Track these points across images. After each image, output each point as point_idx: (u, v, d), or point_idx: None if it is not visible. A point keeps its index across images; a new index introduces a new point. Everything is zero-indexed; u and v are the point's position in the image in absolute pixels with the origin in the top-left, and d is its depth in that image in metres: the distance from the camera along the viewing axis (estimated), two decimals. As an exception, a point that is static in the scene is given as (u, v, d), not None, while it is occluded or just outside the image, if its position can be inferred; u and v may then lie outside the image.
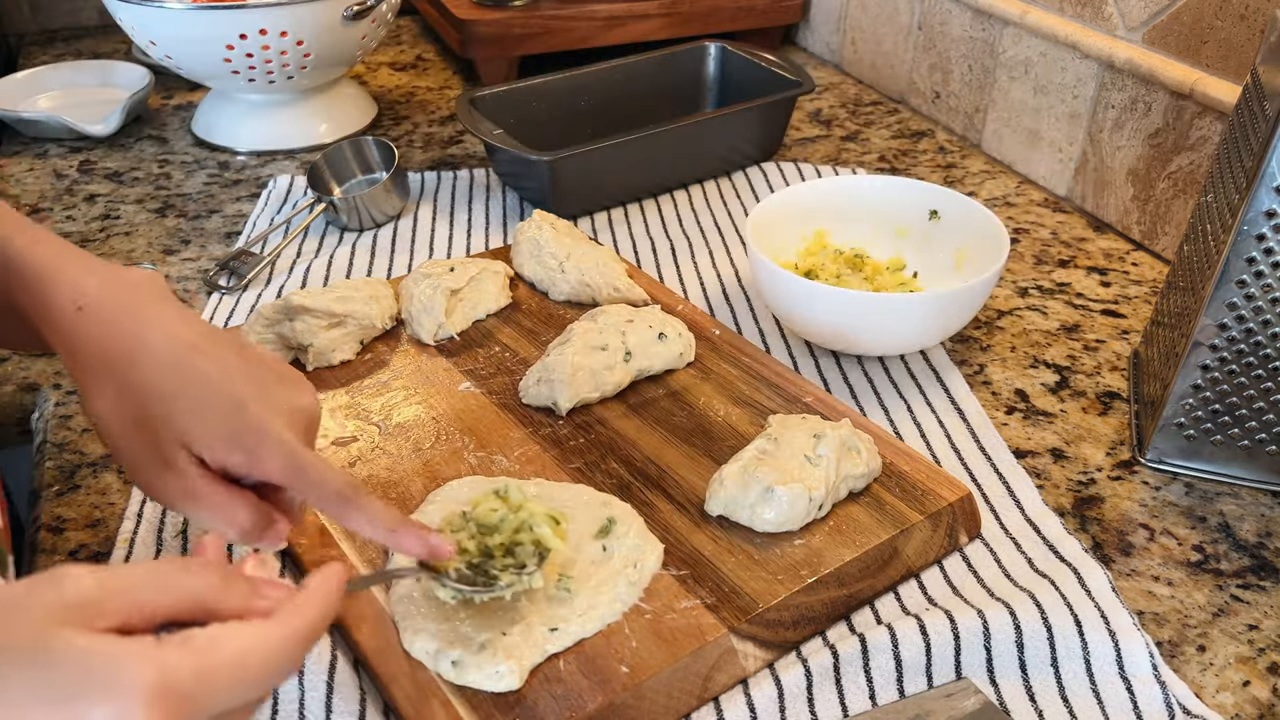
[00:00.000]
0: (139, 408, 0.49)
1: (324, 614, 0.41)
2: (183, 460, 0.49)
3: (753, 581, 0.58)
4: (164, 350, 0.50)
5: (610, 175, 1.02)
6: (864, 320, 0.76)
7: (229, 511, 0.50)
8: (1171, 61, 0.94)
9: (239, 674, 0.37)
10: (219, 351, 0.51)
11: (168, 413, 0.49)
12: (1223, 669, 0.59)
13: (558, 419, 0.71)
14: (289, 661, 0.39)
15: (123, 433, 0.50)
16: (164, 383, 0.49)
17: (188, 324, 0.51)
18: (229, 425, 0.49)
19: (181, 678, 0.35)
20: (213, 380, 0.50)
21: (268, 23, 1.03)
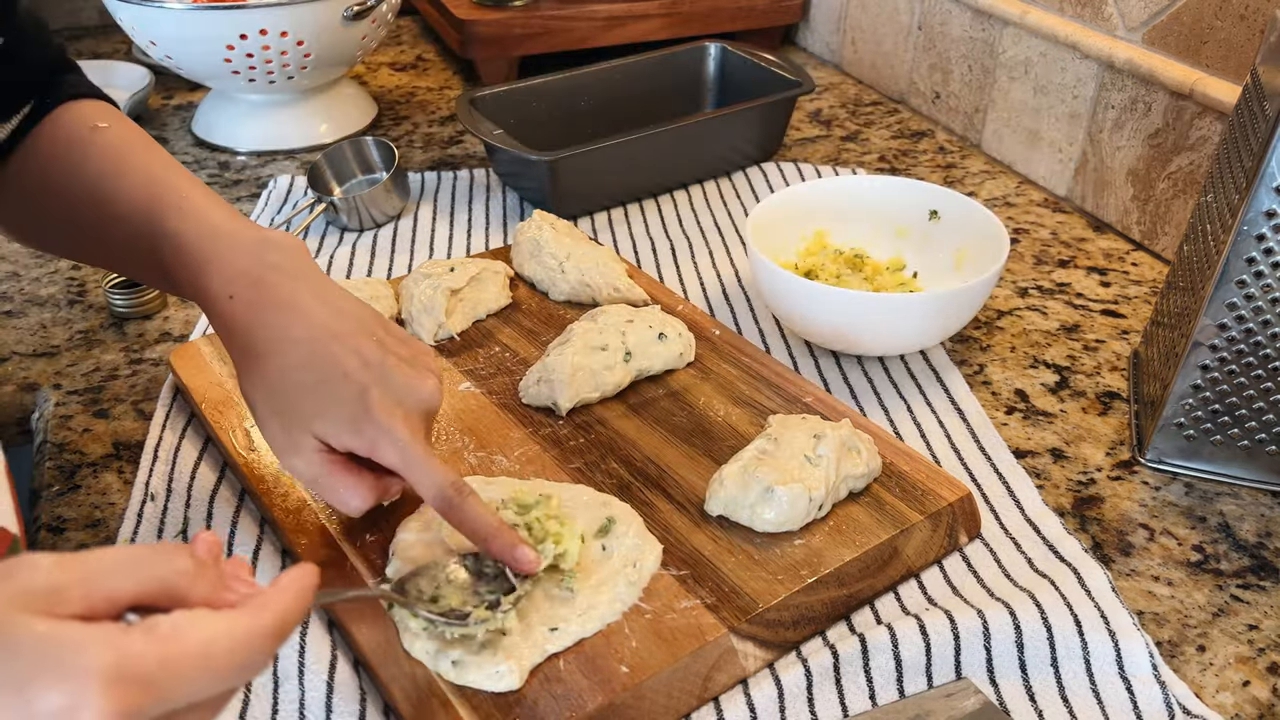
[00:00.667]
0: (278, 396, 0.55)
1: (294, 610, 0.40)
2: (309, 447, 0.55)
3: (753, 581, 0.58)
4: (304, 341, 0.55)
5: (610, 175, 1.02)
6: (864, 320, 0.76)
7: (344, 496, 0.56)
8: (1171, 61, 0.94)
9: (202, 663, 0.36)
10: (356, 338, 0.56)
11: (300, 404, 0.55)
12: (1223, 669, 0.59)
13: (558, 419, 0.71)
14: (256, 655, 0.38)
15: (265, 415, 0.56)
16: (301, 375, 0.55)
17: (328, 306, 0.56)
18: (352, 414, 0.54)
19: (142, 664, 0.34)
20: (344, 370, 0.54)
21: (268, 23, 1.03)
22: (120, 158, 0.62)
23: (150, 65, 1.29)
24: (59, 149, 0.64)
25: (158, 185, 0.61)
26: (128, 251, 0.62)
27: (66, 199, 0.64)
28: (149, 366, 0.81)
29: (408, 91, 1.32)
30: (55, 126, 0.65)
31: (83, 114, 0.65)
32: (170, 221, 0.59)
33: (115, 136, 0.64)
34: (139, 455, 0.71)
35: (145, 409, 0.76)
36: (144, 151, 0.63)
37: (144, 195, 0.60)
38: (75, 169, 0.63)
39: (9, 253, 0.96)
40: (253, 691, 0.55)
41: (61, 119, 0.65)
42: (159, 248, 0.59)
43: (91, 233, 0.64)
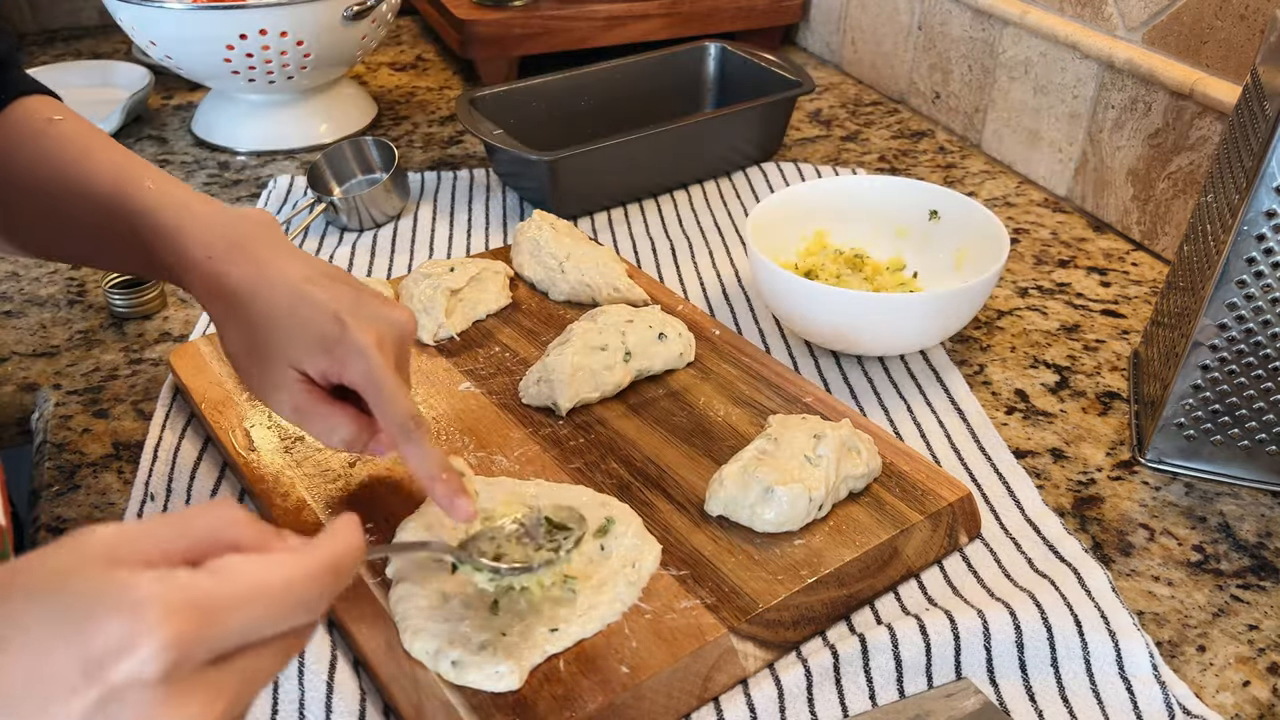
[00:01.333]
0: (258, 337, 0.57)
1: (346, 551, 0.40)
2: (290, 379, 0.57)
3: (753, 581, 0.58)
4: (279, 283, 0.57)
5: (610, 175, 1.02)
6: (864, 320, 0.76)
7: (330, 421, 0.57)
8: (1171, 61, 0.94)
9: (257, 595, 0.36)
10: (326, 280, 0.58)
11: (279, 337, 0.56)
12: (1223, 669, 0.59)
13: (558, 419, 0.71)
14: (312, 592, 0.38)
15: (248, 364, 0.58)
16: (277, 312, 0.56)
17: (300, 260, 0.58)
18: (324, 335, 0.56)
19: (197, 593, 0.34)
20: (316, 301, 0.56)
21: (268, 23, 1.03)
22: (82, 146, 0.64)
23: (150, 65, 1.29)
24: (19, 141, 0.64)
25: (123, 169, 0.62)
26: (98, 235, 0.63)
27: (31, 190, 0.64)
28: (149, 366, 0.81)
29: (408, 91, 1.32)
30: (10, 121, 0.65)
31: (36, 108, 0.66)
32: (142, 199, 0.60)
33: (73, 128, 0.65)
34: (139, 455, 0.71)
35: (145, 409, 0.76)
36: (103, 140, 0.65)
37: (112, 178, 0.61)
38: (39, 159, 0.64)
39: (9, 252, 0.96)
40: (253, 691, 0.55)
41: (15, 114, 0.65)
42: (133, 225, 0.60)
43: (58, 221, 0.65)
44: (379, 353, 0.56)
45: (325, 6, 1.05)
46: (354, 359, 0.55)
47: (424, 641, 0.53)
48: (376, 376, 0.55)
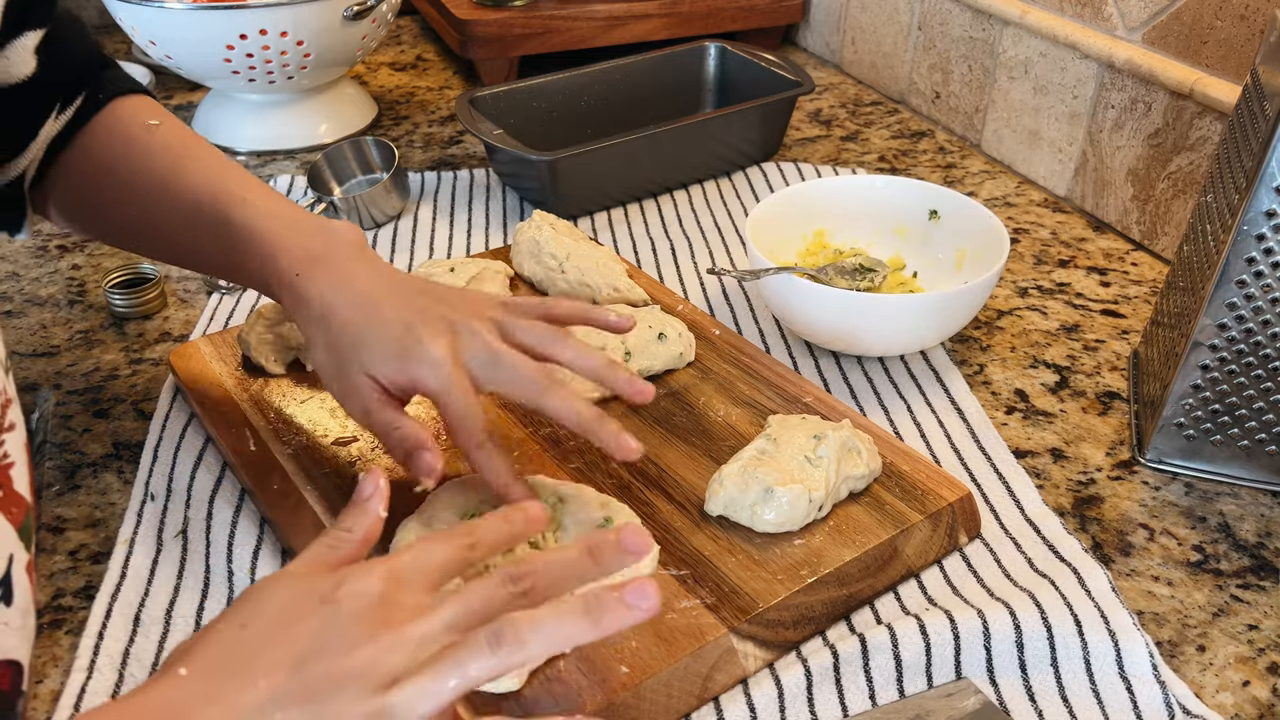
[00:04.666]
0: (335, 347, 0.59)
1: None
2: (363, 384, 0.58)
3: (753, 581, 0.58)
4: (356, 296, 0.59)
5: (610, 175, 1.02)
6: (864, 320, 0.76)
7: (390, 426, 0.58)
8: (1171, 61, 0.94)
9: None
10: (402, 294, 0.60)
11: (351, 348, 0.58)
12: (1223, 669, 0.59)
13: (558, 419, 0.71)
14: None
15: (329, 373, 0.60)
16: (353, 324, 0.59)
17: (380, 276, 0.61)
18: (399, 347, 0.58)
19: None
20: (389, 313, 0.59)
21: (268, 23, 1.03)
22: (180, 154, 0.67)
23: (150, 65, 1.29)
24: (118, 145, 0.68)
25: (219, 179, 0.65)
26: (186, 241, 0.67)
27: (127, 192, 0.67)
28: (149, 366, 0.81)
29: (408, 91, 1.32)
30: (111, 122, 0.68)
31: (136, 110, 0.69)
32: (235, 213, 0.63)
33: (170, 135, 0.68)
34: (139, 455, 0.71)
35: (145, 409, 0.76)
36: (198, 148, 0.68)
37: (207, 189, 0.64)
38: (138, 165, 0.67)
39: (9, 252, 0.96)
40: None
41: (115, 115, 0.69)
42: (226, 238, 0.63)
43: (149, 222, 0.68)
44: (451, 363, 0.57)
45: (325, 6, 1.05)
46: (426, 368, 0.57)
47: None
48: (446, 386, 0.57)
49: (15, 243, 0.97)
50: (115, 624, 0.59)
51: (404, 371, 0.58)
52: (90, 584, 0.62)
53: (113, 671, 0.56)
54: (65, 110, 0.67)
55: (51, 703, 0.55)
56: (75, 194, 0.69)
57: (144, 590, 0.61)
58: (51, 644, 0.58)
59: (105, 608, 0.60)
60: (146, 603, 0.60)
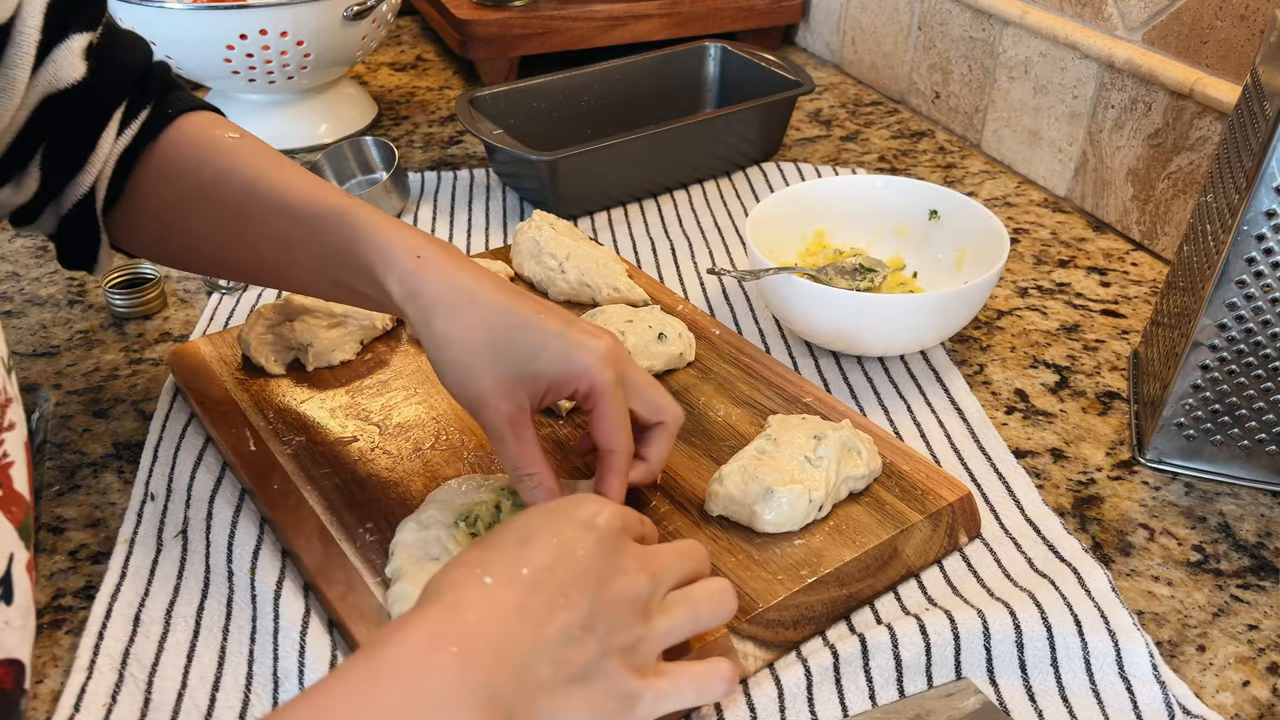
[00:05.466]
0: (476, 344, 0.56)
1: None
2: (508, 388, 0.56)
3: (753, 581, 0.58)
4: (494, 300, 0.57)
5: (610, 175, 1.02)
6: (864, 320, 0.76)
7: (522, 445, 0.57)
8: (1171, 61, 0.94)
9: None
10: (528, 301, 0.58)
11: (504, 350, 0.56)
12: (1223, 669, 0.59)
13: (558, 419, 0.71)
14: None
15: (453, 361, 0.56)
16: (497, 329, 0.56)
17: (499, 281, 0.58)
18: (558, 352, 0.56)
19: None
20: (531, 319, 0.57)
21: (268, 23, 1.03)
22: (269, 160, 0.64)
23: (150, 65, 1.29)
24: (200, 153, 0.65)
25: (315, 179, 0.63)
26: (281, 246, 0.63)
27: (213, 200, 0.64)
28: (149, 366, 0.81)
29: (408, 91, 1.32)
30: (187, 133, 0.66)
31: (212, 123, 0.67)
32: (336, 210, 0.60)
33: (255, 143, 0.66)
34: (139, 455, 0.71)
35: (145, 409, 0.76)
36: (283, 157, 0.66)
37: (303, 190, 0.62)
38: (225, 170, 0.64)
39: (9, 253, 0.96)
40: (252, 691, 0.55)
41: (190, 127, 0.66)
42: (325, 232, 0.60)
43: (238, 232, 0.64)
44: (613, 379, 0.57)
45: (325, 6, 1.05)
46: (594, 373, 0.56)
47: None
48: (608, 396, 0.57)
49: (15, 243, 0.97)
50: (115, 624, 0.59)
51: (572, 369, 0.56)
52: (90, 584, 0.62)
53: (113, 671, 0.56)
54: (130, 123, 0.64)
55: (51, 703, 0.55)
56: (154, 215, 0.67)
57: (144, 590, 0.61)
58: (51, 644, 0.58)
59: (105, 608, 0.60)
60: (146, 603, 0.60)
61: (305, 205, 0.61)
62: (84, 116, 0.63)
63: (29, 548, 0.54)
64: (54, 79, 0.60)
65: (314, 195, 0.61)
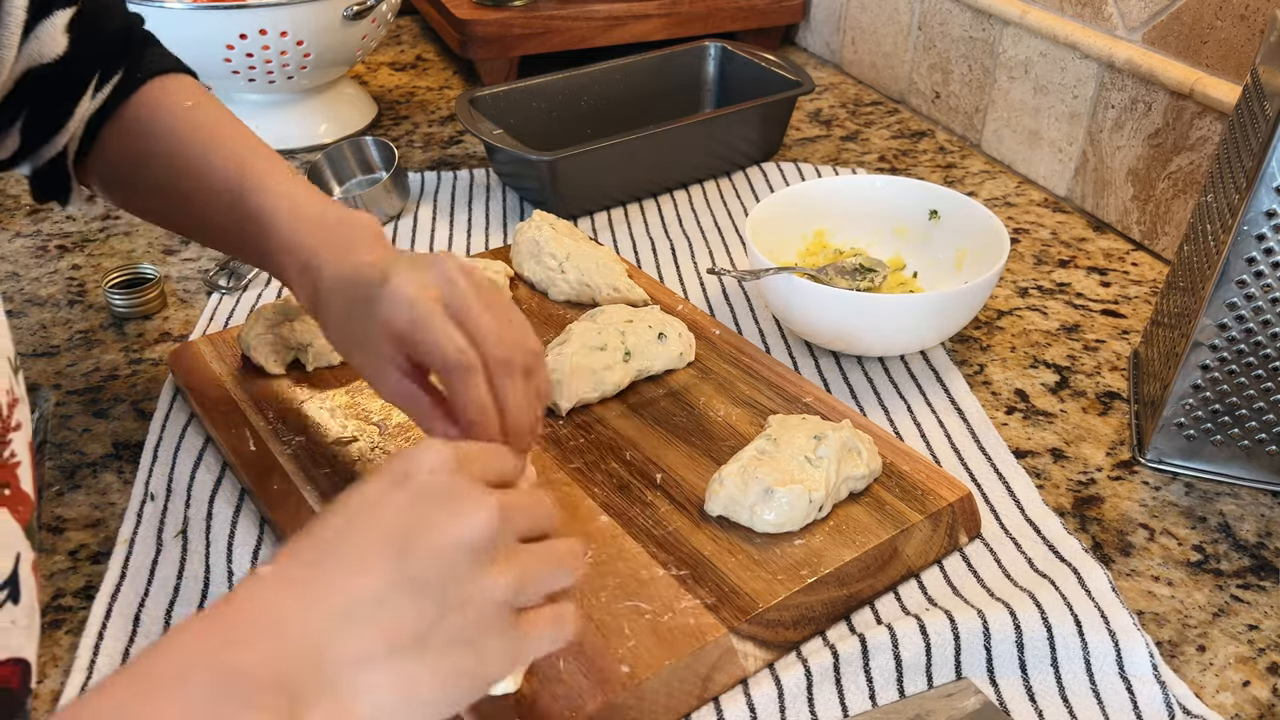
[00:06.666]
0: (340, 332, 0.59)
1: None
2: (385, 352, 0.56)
3: (753, 581, 0.58)
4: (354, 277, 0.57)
5: (610, 175, 1.02)
6: (864, 320, 0.76)
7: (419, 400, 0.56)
8: (1171, 61, 0.94)
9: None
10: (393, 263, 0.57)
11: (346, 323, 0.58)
12: (1223, 669, 0.59)
13: (557, 419, 0.71)
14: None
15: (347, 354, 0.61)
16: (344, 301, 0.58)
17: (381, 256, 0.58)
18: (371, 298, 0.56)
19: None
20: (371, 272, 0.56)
21: (268, 23, 1.03)
22: (212, 136, 0.67)
23: (150, 65, 1.29)
24: (157, 123, 0.68)
25: (245, 164, 0.65)
26: (213, 223, 0.68)
27: (162, 171, 0.68)
28: (149, 366, 0.81)
29: (408, 91, 1.32)
30: (150, 100, 0.69)
31: (175, 89, 0.70)
32: (256, 201, 0.63)
33: (206, 115, 0.69)
34: (139, 455, 0.71)
35: (145, 409, 0.76)
36: (232, 130, 0.68)
37: (235, 171, 0.65)
38: (173, 144, 0.67)
39: (9, 253, 0.96)
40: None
41: (154, 94, 0.69)
42: (247, 224, 0.63)
43: (182, 203, 0.69)
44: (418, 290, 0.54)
45: (325, 6, 1.05)
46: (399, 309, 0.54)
47: None
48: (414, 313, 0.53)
49: (15, 243, 0.97)
50: (115, 624, 0.59)
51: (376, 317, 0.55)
52: (90, 584, 0.62)
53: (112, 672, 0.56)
54: (103, 87, 0.68)
55: (51, 703, 0.55)
56: (114, 170, 0.70)
57: (144, 590, 0.61)
58: (51, 644, 0.58)
59: (105, 608, 0.60)
60: (146, 603, 0.60)
61: (232, 189, 0.64)
62: (63, 87, 0.66)
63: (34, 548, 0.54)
64: (38, 55, 0.63)
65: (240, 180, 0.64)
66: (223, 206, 0.65)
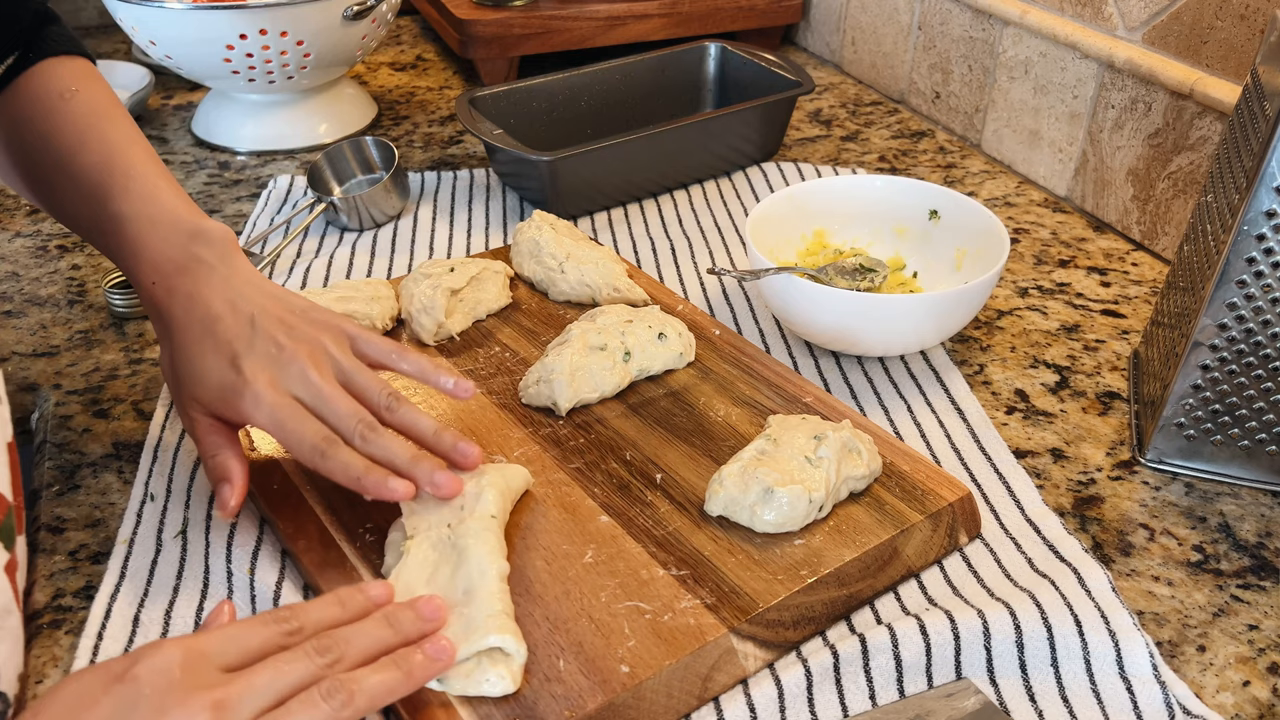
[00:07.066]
0: (175, 372, 0.61)
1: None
2: (194, 412, 0.60)
3: (753, 581, 0.58)
4: (198, 322, 0.60)
5: (610, 175, 1.02)
6: (864, 320, 0.76)
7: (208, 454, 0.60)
8: (1171, 61, 0.94)
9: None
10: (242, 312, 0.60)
11: (188, 375, 0.60)
12: (1223, 669, 0.59)
13: (557, 419, 0.71)
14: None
15: (171, 387, 0.62)
16: (190, 353, 0.60)
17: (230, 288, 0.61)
18: (220, 382, 0.58)
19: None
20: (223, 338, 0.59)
21: (268, 23, 1.03)
22: (82, 131, 0.66)
23: (150, 65, 1.29)
24: (34, 111, 0.67)
25: (110, 164, 0.65)
26: (80, 220, 0.67)
27: (36, 160, 0.68)
28: (149, 366, 0.81)
29: (408, 91, 1.32)
30: (35, 87, 0.68)
31: (58, 75, 0.68)
32: (115, 204, 0.63)
33: (81, 106, 0.67)
34: (139, 455, 0.71)
35: (145, 409, 0.76)
36: (104, 125, 0.67)
37: (97, 173, 0.64)
38: (44, 137, 0.67)
39: (9, 253, 0.96)
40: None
41: (40, 78, 0.68)
42: (103, 224, 0.64)
43: (52, 195, 0.69)
44: (273, 394, 0.58)
45: (325, 6, 1.05)
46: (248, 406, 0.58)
47: None
48: (272, 417, 0.58)
49: (15, 243, 0.97)
50: (115, 624, 0.59)
51: (230, 406, 0.59)
52: (90, 584, 0.62)
53: None
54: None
55: (51, 703, 0.55)
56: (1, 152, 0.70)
57: (144, 590, 0.61)
58: (51, 644, 0.58)
59: (105, 608, 0.60)
60: (146, 603, 0.60)
61: (95, 191, 0.64)
62: None
63: (9, 549, 0.54)
64: None
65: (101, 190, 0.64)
66: (89, 210, 0.65)
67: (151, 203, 0.63)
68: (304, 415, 0.58)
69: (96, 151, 0.65)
